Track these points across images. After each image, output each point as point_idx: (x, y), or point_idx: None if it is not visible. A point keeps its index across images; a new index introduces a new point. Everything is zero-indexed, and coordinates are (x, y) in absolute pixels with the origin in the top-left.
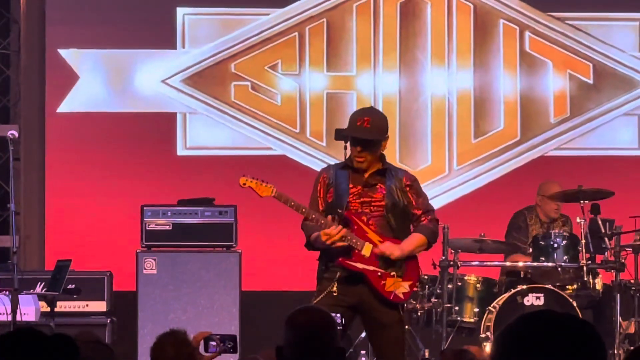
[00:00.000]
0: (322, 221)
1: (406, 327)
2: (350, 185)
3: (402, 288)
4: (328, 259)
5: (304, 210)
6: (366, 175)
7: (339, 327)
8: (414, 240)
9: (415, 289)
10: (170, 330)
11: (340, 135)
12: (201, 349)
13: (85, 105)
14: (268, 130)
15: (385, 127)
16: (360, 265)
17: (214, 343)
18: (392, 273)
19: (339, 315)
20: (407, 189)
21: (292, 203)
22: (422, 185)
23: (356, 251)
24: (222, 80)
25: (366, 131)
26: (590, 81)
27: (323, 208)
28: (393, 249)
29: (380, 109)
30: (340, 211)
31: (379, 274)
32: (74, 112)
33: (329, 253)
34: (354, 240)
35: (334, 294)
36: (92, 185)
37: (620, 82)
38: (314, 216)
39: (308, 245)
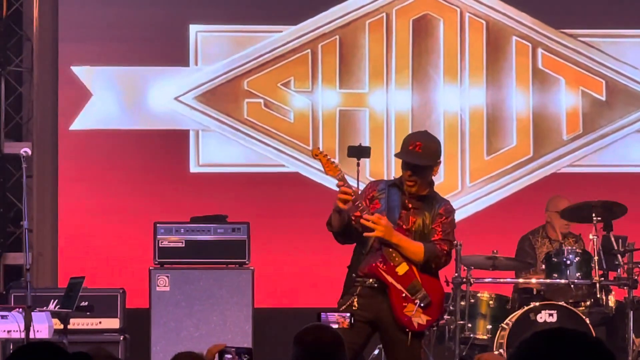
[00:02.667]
0: (361, 204)
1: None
2: (399, 207)
3: (419, 319)
4: (354, 270)
5: (355, 199)
6: (410, 199)
7: (348, 327)
8: (414, 244)
9: (430, 325)
10: (188, 352)
11: (352, 152)
12: None
13: (98, 123)
14: (281, 148)
15: (438, 152)
16: (390, 279)
17: (229, 356)
18: (417, 301)
19: (348, 314)
20: (438, 218)
21: (350, 186)
22: None
23: (391, 264)
24: (234, 97)
25: (417, 156)
26: (603, 98)
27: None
28: (380, 227)
29: (393, 126)
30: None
31: (404, 295)
32: (86, 129)
33: (357, 265)
34: (360, 203)
35: (354, 309)
36: (104, 203)
37: (633, 99)
38: (360, 204)
39: (328, 224)
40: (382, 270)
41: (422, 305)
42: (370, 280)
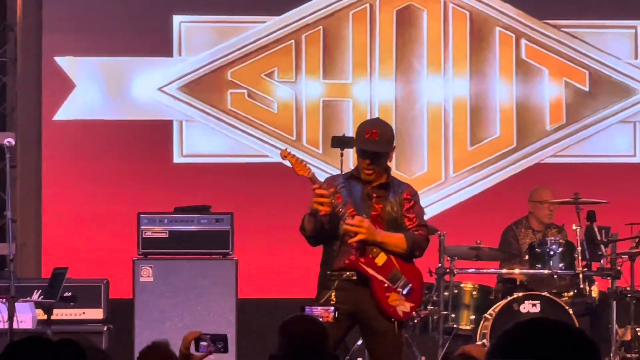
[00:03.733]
0: (341, 209)
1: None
2: (362, 198)
3: (403, 307)
4: (328, 266)
5: (332, 200)
6: (371, 187)
7: (332, 320)
8: (393, 236)
9: (414, 313)
10: (152, 343)
11: (336, 142)
12: (192, 349)
13: (82, 113)
14: (264, 138)
15: (392, 138)
16: (371, 271)
17: (204, 343)
18: (399, 289)
19: (332, 308)
20: (405, 203)
21: (325, 187)
22: (418, 192)
23: (370, 256)
24: (218, 87)
25: (375, 144)
26: (586, 88)
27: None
28: (363, 230)
29: (377, 117)
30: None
31: (386, 285)
32: (70, 119)
33: (330, 259)
34: (337, 205)
35: (332, 303)
36: (88, 193)
37: (616, 90)
38: (340, 209)
39: (301, 229)
40: (363, 263)
41: (404, 293)
42: (347, 273)
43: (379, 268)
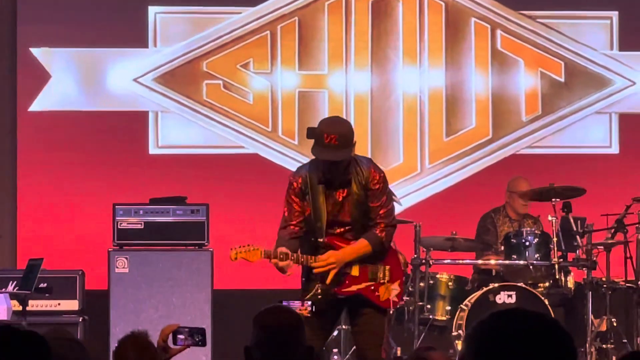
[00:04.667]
0: (302, 259)
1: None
2: (326, 209)
3: (394, 291)
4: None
5: (293, 257)
6: (335, 190)
7: (308, 315)
8: (357, 248)
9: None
10: (131, 332)
11: (312, 133)
12: (170, 342)
13: (57, 104)
14: (240, 129)
15: (351, 138)
16: (354, 288)
17: (182, 336)
18: (382, 280)
19: (309, 303)
20: (369, 192)
21: (281, 255)
22: (394, 184)
23: (347, 277)
24: (194, 78)
25: (334, 150)
26: (562, 79)
27: (303, 221)
28: (332, 266)
29: (352, 108)
30: (320, 240)
31: (372, 287)
32: (45, 110)
33: (313, 252)
34: (302, 260)
35: (319, 296)
36: (64, 184)
37: (592, 81)
38: (302, 260)
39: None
40: (344, 289)
41: (388, 280)
42: None
43: (359, 279)
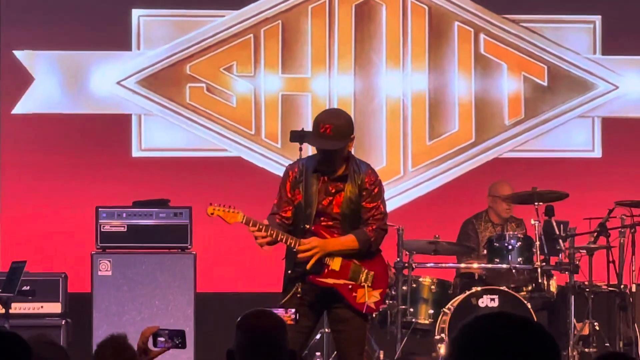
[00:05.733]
0: (281, 237)
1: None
2: (317, 198)
3: (373, 297)
4: (293, 259)
5: (272, 233)
6: (330, 182)
7: (292, 323)
8: (344, 241)
9: (384, 295)
10: (110, 335)
11: (295, 137)
12: (150, 344)
13: (41, 107)
14: (223, 132)
15: (348, 130)
16: (331, 281)
17: (162, 339)
18: (363, 284)
19: (293, 310)
20: (364, 192)
21: (261, 226)
22: None
23: (327, 268)
24: (177, 81)
25: (329, 140)
26: (545, 83)
27: (292, 211)
28: (315, 250)
29: (335, 107)
30: (307, 226)
31: (350, 286)
32: (29, 113)
33: (295, 253)
34: (281, 237)
35: (299, 295)
36: (47, 187)
37: (575, 85)
38: (282, 237)
39: None
40: (320, 278)
41: (369, 285)
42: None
43: (338, 273)
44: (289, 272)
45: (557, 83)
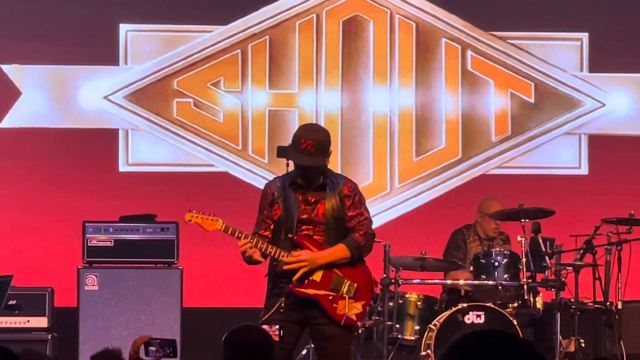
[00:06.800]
0: (270, 250)
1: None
2: (298, 206)
3: (354, 309)
4: (276, 275)
5: (252, 240)
6: (308, 192)
7: (277, 339)
8: (334, 252)
9: (367, 308)
10: (104, 349)
11: (282, 152)
12: (142, 354)
13: (28, 121)
14: (210, 147)
15: (328, 145)
16: (311, 292)
17: (153, 348)
18: (345, 295)
19: (277, 327)
20: (346, 199)
21: (240, 234)
22: None
23: (308, 279)
24: (164, 96)
25: (309, 156)
26: (532, 100)
27: (273, 227)
28: (304, 263)
29: (315, 123)
30: (290, 236)
31: (331, 297)
32: (16, 127)
33: (277, 270)
34: (270, 249)
35: (281, 310)
36: (34, 201)
37: (562, 102)
38: (262, 245)
39: (245, 261)
40: (300, 289)
41: (350, 296)
42: None
43: (319, 284)
44: (272, 288)
45: (544, 100)
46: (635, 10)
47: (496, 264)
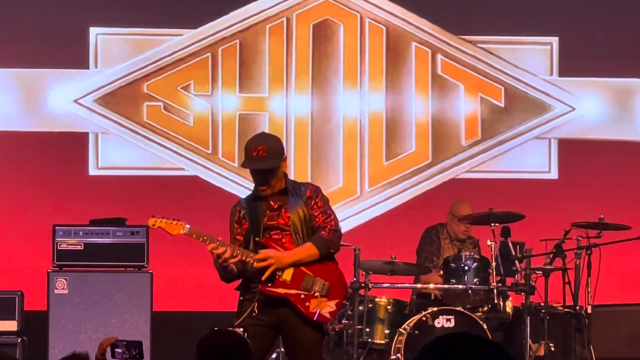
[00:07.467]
0: (237, 252)
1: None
2: (262, 215)
3: (327, 307)
4: (249, 280)
5: (218, 242)
6: (271, 198)
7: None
8: (302, 250)
9: (340, 306)
10: (72, 353)
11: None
12: (108, 355)
13: None
14: (180, 151)
15: (281, 150)
16: (282, 291)
17: (120, 350)
18: (316, 294)
19: (241, 329)
20: (309, 201)
21: (205, 238)
22: (334, 207)
23: (278, 278)
24: (134, 100)
25: (263, 161)
26: (502, 104)
27: (242, 243)
28: (271, 260)
29: (293, 131)
30: (257, 239)
31: (302, 296)
32: None
33: (248, 276)
34: (237, 252)
35: (254, 315)
36: (3, 204)
37: (532, 106)
38: (230, 247)
39: (222, 278)
40: (271, 288)
41: (323, 294)
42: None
43: (289, 284)
44: (244, 293)
45: (514, 104)
46: (604, 14)
47: (466, 268)
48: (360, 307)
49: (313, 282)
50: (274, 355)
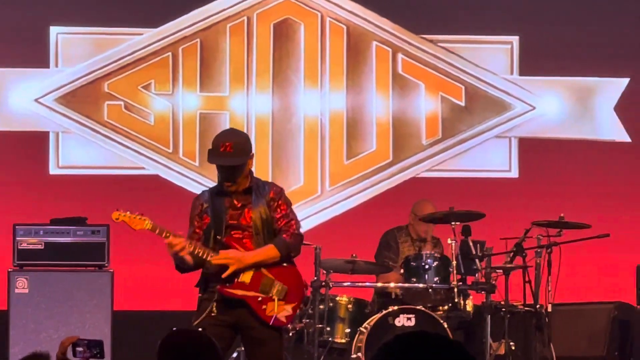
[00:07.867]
0: (199, 249)
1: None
2: (225, 212)
3: (284, 311)
4: (207, 280)
5: (180, 239)
6: (235, 196)
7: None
8: (263, 251)
9: (297, 310)
10: (32, 353)
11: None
12: (69, 354)
13: None
14: (141, 150)
15: (248, 147)
16: (240, 292)
17: (80, 349)
18: (274, 297)
19: (200, 329)
20: (272, 203)
21: (167, 234)
22: (294, 206)
23: (236, 279)
24: (95, 99)
25: (230, 157)
26: (462, 103)
27: (202, 235)
28: (232, 260)
29: (253, 130)
30: (219, 237)
31: (260, 299)
32: None
33: (208, 274)
34: (198, 250)
35: (213, 314)
36: None
37: (492, 105)
38: (190, 244)
39: (177, 267)
40: (229, 289)
41: (280, 298)
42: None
43: (247, 286)
44: (203, 292)
45: (475, 103)
46: (564, 14)
47: (427, 266)
48: (321, 306)
49: (271, 285)
50: (234, 355)
